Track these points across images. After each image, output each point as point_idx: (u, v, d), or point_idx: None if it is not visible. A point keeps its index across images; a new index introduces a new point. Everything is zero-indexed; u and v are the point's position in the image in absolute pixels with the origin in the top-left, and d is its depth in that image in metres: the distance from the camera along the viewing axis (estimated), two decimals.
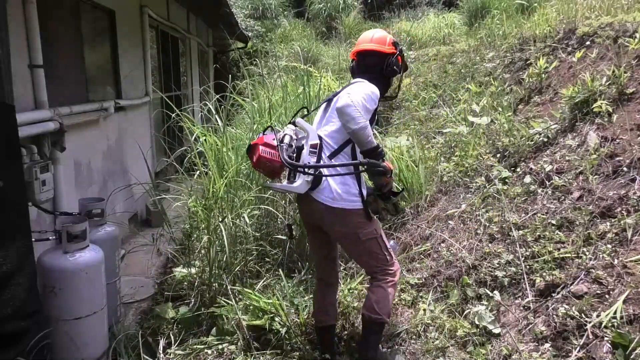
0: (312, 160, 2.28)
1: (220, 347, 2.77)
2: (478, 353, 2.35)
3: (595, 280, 2.28)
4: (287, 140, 2.29)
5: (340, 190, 2.30)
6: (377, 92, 2.35)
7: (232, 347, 2.75)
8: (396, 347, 2.61)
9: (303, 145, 2.30)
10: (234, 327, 2.85)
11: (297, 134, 2.36)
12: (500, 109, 4.25)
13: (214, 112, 4.46)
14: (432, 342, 2.53)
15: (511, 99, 4.47)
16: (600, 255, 2.36)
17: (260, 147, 2.24)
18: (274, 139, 2.30)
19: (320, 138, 2.36)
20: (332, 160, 2.34)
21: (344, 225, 2.35)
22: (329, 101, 2.52)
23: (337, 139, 2.36)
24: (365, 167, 2.27)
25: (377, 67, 2.50)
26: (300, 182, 2.25)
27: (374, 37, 2.55)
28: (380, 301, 2.36)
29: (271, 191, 3.88)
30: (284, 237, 3.64)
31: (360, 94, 2.26)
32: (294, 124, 2.43)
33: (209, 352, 2.75)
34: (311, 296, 3.04)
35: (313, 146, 2.31)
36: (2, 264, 2.26)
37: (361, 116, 2.17)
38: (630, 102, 3.09)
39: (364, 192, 2.36)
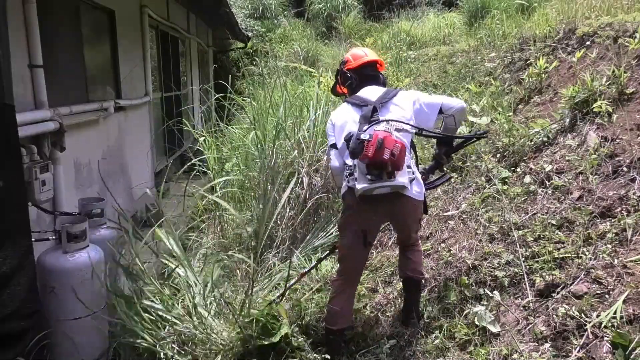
0: (405, 158, 2.40)
1: None
2: (478, 353, 2.35)
3: (595, 280, 2.28)
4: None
5: (422, 183, 2.59)
6: None
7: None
8: (400, 344, 2.61)
9: None
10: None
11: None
12: (500, 109, 4.25)
13: (213, 112, 4.46)
14: (432, 342, 2.53)
15: (511, 99, 4.47)
16: (600, 255, 2.36)
17: (394, 140, 2.28)
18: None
19: None
20: (410, 155, 2.51)
21: (419, 214, 2.66)
22: (383, 103, 2.61)
23: (408, 137, 2.54)
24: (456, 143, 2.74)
25: (378, 77, 2.82)
26: (407, 179, 2.38)
27: (373, 52, 2.90)
28: (420, 262, 2.85)
29: (275, 192, 3.87)
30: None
31: None
32: (371, 122, 2.47)
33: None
34: (306, 295, 3.04)
35: None
36: (2, 264, 2.25)
37: None
38: (630, 102, 3.09)
39: None
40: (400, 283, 2.97)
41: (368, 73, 2.79)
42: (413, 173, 2.47)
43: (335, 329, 2.61)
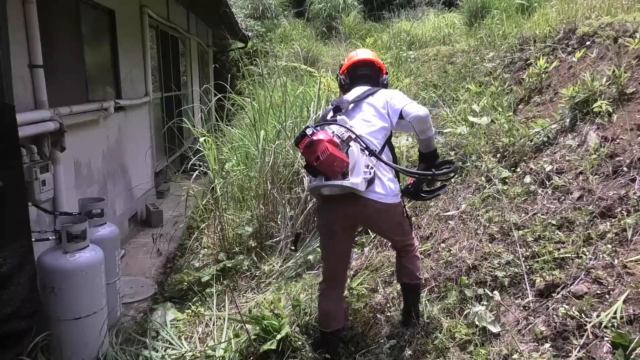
0: (364, 157, 2.33)
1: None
2: (478, 353, 2.34)
3: (595, 280, 2.28)
4: (346, 138, 2.31)
5: (393, 186, 2.43)
6: None
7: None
8: (400, 344, 2.61)
9: (350, 144, 2.33)
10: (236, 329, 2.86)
11: (352, 127, 2.39)
12: (500, 109, 4.25)
13: (213, 112, 4.46)
14: (432, 342, 2.53)
15: (511, 99, 4.47)
16: (600, 255, 2.36)
17: (328, 145, 2.21)
18: (333, 136, 2.29)
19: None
20: (364, 155, 2.39)
21: (391, 218, 2.52)
22: (350, 104, 2.56)
23: (379, 139, 2.46)
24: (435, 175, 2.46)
25: (375, 78, 2.72)
26: (361, 179, 2.28)
27: (370, 53, 2.81)
28: (416, 268, 2.72)
29: (275, 191, 3.88)
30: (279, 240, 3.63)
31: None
32: (328, 123, 2.43)
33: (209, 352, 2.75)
34: (308, 295, 3.04)
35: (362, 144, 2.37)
36: (2, 264, 2.26)
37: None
38: (630, 102, 3.09)
39: None
40: (390, 283, 2.98)
41: (358, 73, 2.73)
42: (371, 173, 2.32)
43: (329, 331, 2.59)
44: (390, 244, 3.42)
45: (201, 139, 4.18)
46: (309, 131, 2.26)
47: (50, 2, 3.45)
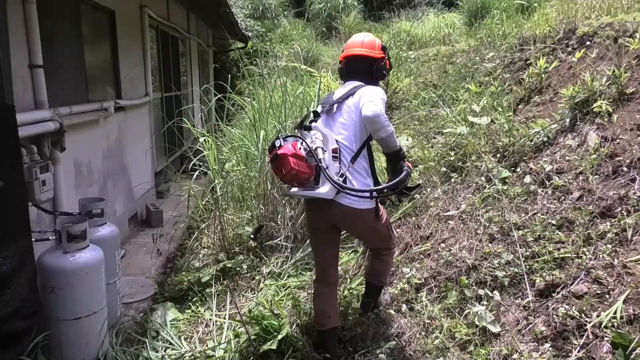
0: (336, 164, 2.35)
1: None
2: (478, 353, 2.35)
3: (595, 280, 2.28)
4: (319, 150, 2.27)
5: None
6: (385, 96, 2.46)
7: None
8: (400, 345, 2.61)
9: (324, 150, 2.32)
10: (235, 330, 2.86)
11: (315, 139, 2.34)
12: (500, 109, 4.25)
13: (213, 112, 4.46)
14: (432, 342, 2.53)
15: (511, 99, 4.47)
16: (600, 255, 2.36)
17: (291, 159, 2.20)
18: (300, 148, 2.28)
19: (336, 142, 2.40)
20: (354, 164, 2.41)
21: (365, 222, 2.53)
22: (333, 105, 2.53)
23: (354, 143, 2.44)
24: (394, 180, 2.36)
25: (367, 71, 2.60)
26: (329, 188, 2.30)
27: (364, 42, 2.63)
28: (384, 271, 2.82)
29: (275, 191, 3.88)
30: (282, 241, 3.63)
31: (378, 100, 2.35)
32: (305, 128, 2.42)
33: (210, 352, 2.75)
34: (308, 295, 3.04)
35: (334, 151, 2.35)
36: (2, 264, 2.26)
37: (389, 123, 2.31)
38: (630, 102, 3.09)
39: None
40: (390, 283, 3.02)
41: (349, 68, 2.65)
42: (340, 181, 2.30)
43: (325, 330, 2.60)
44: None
45: (201, 139, 4.18)
46: (277, 143, 2.28)
47: (50, 2, 3.45)
